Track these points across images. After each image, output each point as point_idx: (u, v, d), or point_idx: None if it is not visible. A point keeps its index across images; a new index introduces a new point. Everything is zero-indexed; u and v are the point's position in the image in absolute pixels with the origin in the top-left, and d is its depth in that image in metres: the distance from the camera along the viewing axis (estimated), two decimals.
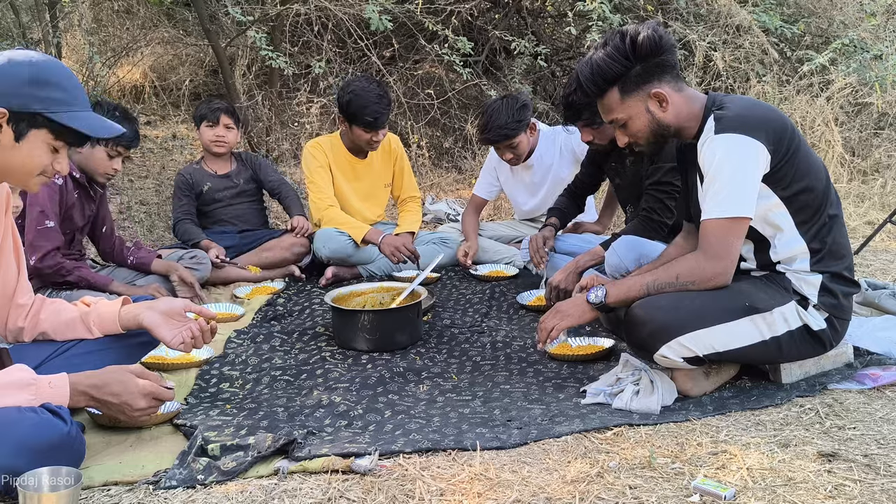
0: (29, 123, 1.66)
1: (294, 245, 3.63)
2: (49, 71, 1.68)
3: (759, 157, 1.97)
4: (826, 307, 2.07)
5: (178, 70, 5.88)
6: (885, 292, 2.79)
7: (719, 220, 1.98)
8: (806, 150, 2.07)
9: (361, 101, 3.46)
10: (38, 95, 1.65)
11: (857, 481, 1.63)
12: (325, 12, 5.05)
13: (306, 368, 2.47)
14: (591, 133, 2.90)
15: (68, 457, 1.61)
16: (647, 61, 2.04)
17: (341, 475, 1.71)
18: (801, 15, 6.19)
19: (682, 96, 2.10)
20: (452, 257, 3.76)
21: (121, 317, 2.01)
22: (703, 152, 2.04)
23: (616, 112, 2.12)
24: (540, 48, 5.33)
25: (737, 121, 1.99)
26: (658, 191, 2.82)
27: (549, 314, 2.26)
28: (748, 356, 2.09)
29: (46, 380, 1.67)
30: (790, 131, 2.03)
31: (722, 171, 1.97)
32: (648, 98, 2.08)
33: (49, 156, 1.72)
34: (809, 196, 2.04)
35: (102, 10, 5.86)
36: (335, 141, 3.75)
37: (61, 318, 2.00)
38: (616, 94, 2.09)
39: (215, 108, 3.72)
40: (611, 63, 2.05)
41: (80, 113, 1.71)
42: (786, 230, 2.05)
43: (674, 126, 2.11)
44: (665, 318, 2.02)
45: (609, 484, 1.65)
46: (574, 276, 2.91)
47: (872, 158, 5.30)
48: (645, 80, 2.06)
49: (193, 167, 3.79)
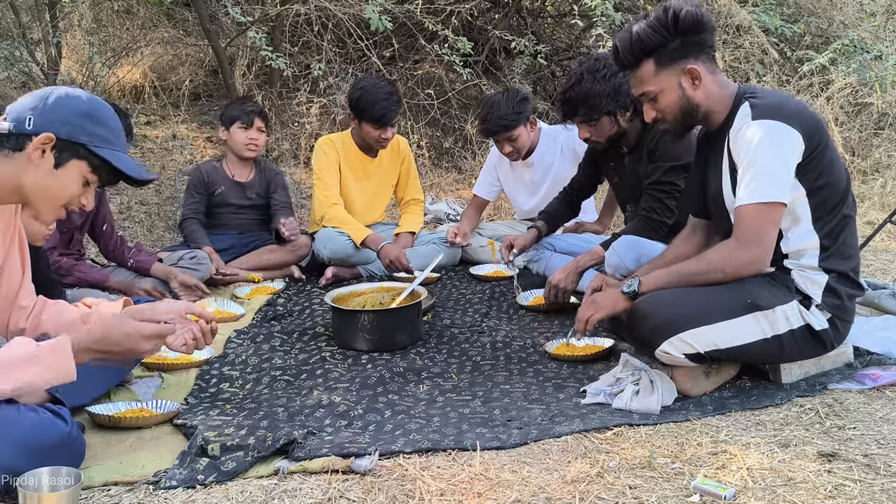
0: (71, 154, 1.72)
1: (296, 247, 3.61)
2: (102, 110, 1.77)
3: (796, 144, 1.98)
4: (829, 308, 2.07)
5: (178, 70, 5.88)
6: (885, 292, 2.79)
7: (755, 206, 1.98)
8: (833, 149, 2.08)
9: (371, 97, 3.49)
10: (87, 129, 1.72)
11: (857, 481, 1.63)
12: (325, 12, 5.05)
13: (306, 368, 2.47)
14: (588, 130, 2.89)
15: (68, 457, 1.62)
16: (687, 37, 2.07)
17: (341, 475, 1.71)
18: (801, 15, 6.19)
19: (714, 79, 2.12)
20: (452, 257, 3.76)
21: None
22: (737, 139, 2.04)
23: (648, 84, 2.13)
24: (540, 48, 5.33)
25: (774, 109, 2.01)
26: (658, 190, 2.82)
27: (586, 305, 2.27)
28: (749, 354, 2.09)
29: (49, 347, 1.67)
30: (821, 127, 2.05)
31: (759, 157, 1.98)
32: (682, 74, 2.09)
33: (80, 189, 1.77)
34: (830, 192, 2.05)
35: (102, 10, 5.86)
36: (346, 139, 3.76)
37: (63, 320, 2.01)
38: (651, 66, 2.11)
39: (249, 111, 3.62)
40: (651, 34, 2.07)
41: (120, 154, 1.79)
42: (802, 223, 2.06)
43: (703, 107, 2.12)
44: (668, 314, 2.02)
45: (609, 484, 1.65)
46: (574, 275, 2.91)
47: (872, 158, 5.30)
48: (681, 56, 2.08)
49: (213, 165, 3.71)
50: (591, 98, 2.78)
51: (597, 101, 2.77)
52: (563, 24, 6.58)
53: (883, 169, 5.19)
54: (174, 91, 5.80)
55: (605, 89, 2.76)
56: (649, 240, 2.69)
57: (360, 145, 3.74)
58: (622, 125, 2.86)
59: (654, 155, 2.84)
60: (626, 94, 2.75)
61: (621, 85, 2.76)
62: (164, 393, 2.27)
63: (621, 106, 2.80)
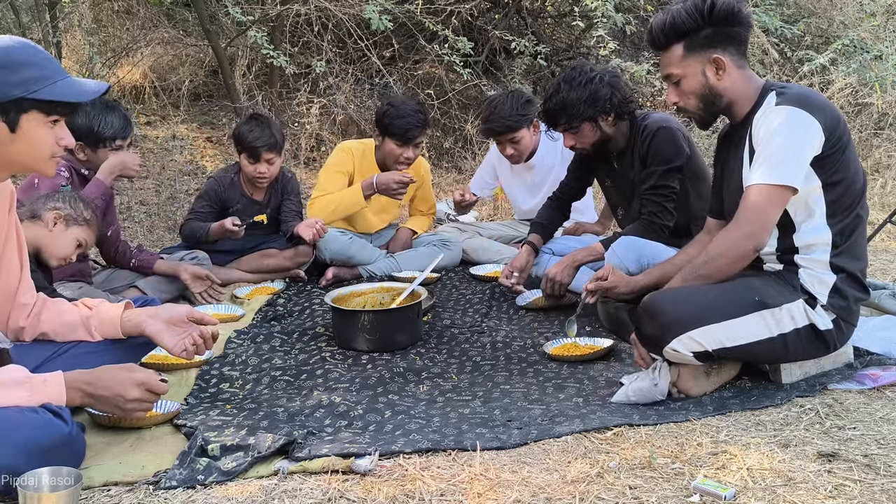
0: (16, 110, 1.64)
1: (297, 254, 3.53)
2: (15, 51, 1.64)
3: (814, 134, 1.99)
4: (834, 309, 2.07)
5: (178, 70, 5.89)
6: (885, 292, 2.79)
7: (762, 186, 1.99)
8: (853, 150, 2.10)
9: (398, 111, 3.44)
10: (13, 80, 1.61)
11: (857, 481, 1.63)
12: (325, 12, 5.05)
13: (306, 368, 2.47)
14: (571, 138, 2.90)
15: (69, 457, 1.62)
16: (719, 27, 2.09)
17: (341, 475, 1.71)
18: (802, 15, 6.20)
19: (741, 72, 2.14)
20: (452, 258, 3.76)
21: (122, 322, 2.01)
22: (759, 123, 2.06)
23: (673, 67, 2.16)
24: (540, 48, 5.33)
25: (799, 98, 2.03)
26: (656, 195, 2.83)
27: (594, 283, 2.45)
28: (755, 353, 2.10)
29: (41, 378, 1.68)
30: (844, 126, 2.06)
31: (775, 140, 1.99)
32: (708, 62, 2.12)
33: (51, 134, 1.70)
34: (847, 190, 2.06)
35: (102, 10, 5.86)
36: (368, 150, 3.66)
37: (62, 320, 2.00)
38: (680, 50, 2.14)
39: (255, 147, 3.37)
40: (686, 18, 2.10)
41: (60, 83, 1.68)
42: (816, 216, 2.07)
43: (726, 98, 2.14)
44: (678, 312, 2.03)
45: (609, 484, 1.65)
46: (571, 268, 2.91)
47: (872, 158, 5.30)
48: (711, 44, 2.11)
49: (230, 179, 3.53)
50: (568, 106, 2.79)
51: (575, 108, 2.79)
52: (563, 25, 6.58)
53: (883, 169, 5.19)
54: (174, 91, 5.81)
55: (582, 96, 2.77)
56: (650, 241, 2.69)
57: (381, 164, 3.63)
58: (606, 130, 2.86)
59: (646, 160, 2.85)
60: (605, 98, 2.77)
61: (598, 90, 2.77)
62: None
63: (601, 111, 2.80)
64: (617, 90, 2.80)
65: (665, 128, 2.80)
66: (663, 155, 2.80)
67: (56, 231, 2.45)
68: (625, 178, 2.97)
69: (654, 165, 2.82)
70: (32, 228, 2.40)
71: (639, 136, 2.86)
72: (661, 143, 2.79)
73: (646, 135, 2.82)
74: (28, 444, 1.56)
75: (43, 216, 2.42)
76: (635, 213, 2.93)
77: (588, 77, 2.78)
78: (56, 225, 2.44)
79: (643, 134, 2.84)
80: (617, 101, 2.79)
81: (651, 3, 5.60)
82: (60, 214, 2.44)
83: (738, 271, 2.10)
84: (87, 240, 2.55)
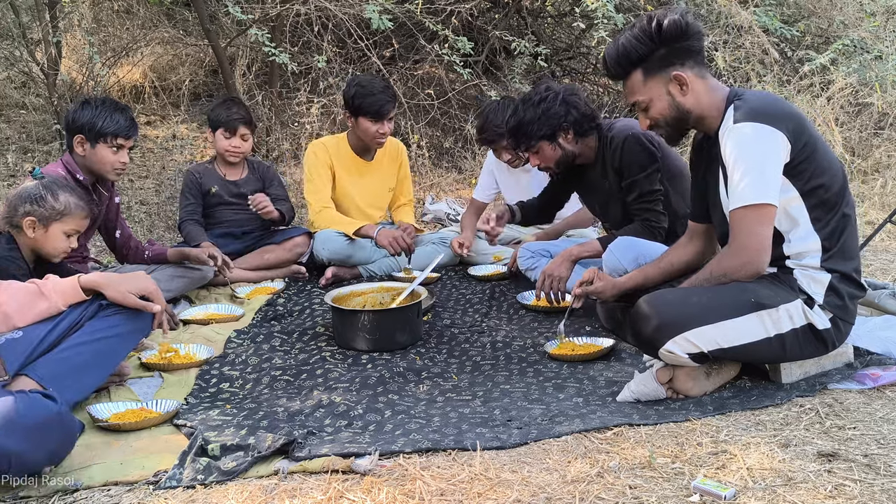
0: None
1: (295, 245, 3.64)
2: None
3: (779, 144, 1.98)
4: (831, 308, 2.07)
5: (178, 70, 5.88)
6: (885, 292, 2.79)
7: (744, 209, 1.99)
8: (824, 147, 2.08)
9: (366, 90, 3.49)
10: None
11: (857, 481, 1.63)
12: (325, 12, 5.05)
13: (306, 368, 2.47)
14: (534, 158, 2.94)
15: (60, 435, 1.66)
16: (672, 45, 2.08)
17: (341, 475, 1.71)
18: (802, 15, 6.19)
19: (704, 83, 2.12)
20: (453, 257, 3.76)
21: (81, 281, 2.13)
22: (724, 143, 2.05)
23: (638, 94, 2.15)
24: (540, 48, 5.33)
25: (757, 111, 2.01)
26: (646, 201, 2.86)
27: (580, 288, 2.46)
28: (752, 354, 2.09)
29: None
30: (807, 127, 2.05)
31: (743, 161, 1.98)
32: (669, 81, 2.10)
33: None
34: (826, 193, 2.05)
35: (102, 10, 5.86)
36: (341, 142, 3.75)
37: (19, 298, 2.05)
38: (639, 76, 2.13)
39: (234, 119, 3.62)
40: (636, 44, 2.09)
41: None
42: (801, 225, 2.06)
43: (694, 113, 2.13)
44: (672, 314, 2.02)
45: (609, 484, 1.65)
46: (568, 264, 2.91)
47: (873, 158, 5.30)
48: (668, 64, 2.09)
49: (205, 166, 3.74)
50: (523, 126, 2.84)
51: (529, 128, 2.83)
52: (563, 25, 6.58)
53: (883, 169, 5.18)
54: (174, 91, 5.81)
55: (535, 115, 2.80)
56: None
57: (356, 148, 3.72)
58: (568, 148, 2.88)
59: (621, 172, 2.87)
60: (559, 116, 2.80)
61: (550, 108, 2.80)
62: (164, 393, 2.27)
63: (557, 129, 2.82)
64: (573, 108, 2.82)
65: (631, 135, 2.82)
66: (638, 163, 2.83)
67: (38, 235, 2.39)
68: (601, 190, 3.01)
69: (632, 175, 2.85)
70: (20, 237, 2.38)
71: (608, 149, 2.89)
72: (632, 153, 2.82)
73: (614, 147, 2.86)
74: (18, 422, 1.59)
75: (21, 224, 2.37)
76: (616, 221, 2.95)
77: (542, 96, 2.83)
78: (35, 230, 2.37)
79: (611, 146, 2.87)
80: (574, 118, 2.82)
81: (651, 3, 5.59)
82: (34, 219, 2.36)
83: None
84: (74, 227, 2.45)
